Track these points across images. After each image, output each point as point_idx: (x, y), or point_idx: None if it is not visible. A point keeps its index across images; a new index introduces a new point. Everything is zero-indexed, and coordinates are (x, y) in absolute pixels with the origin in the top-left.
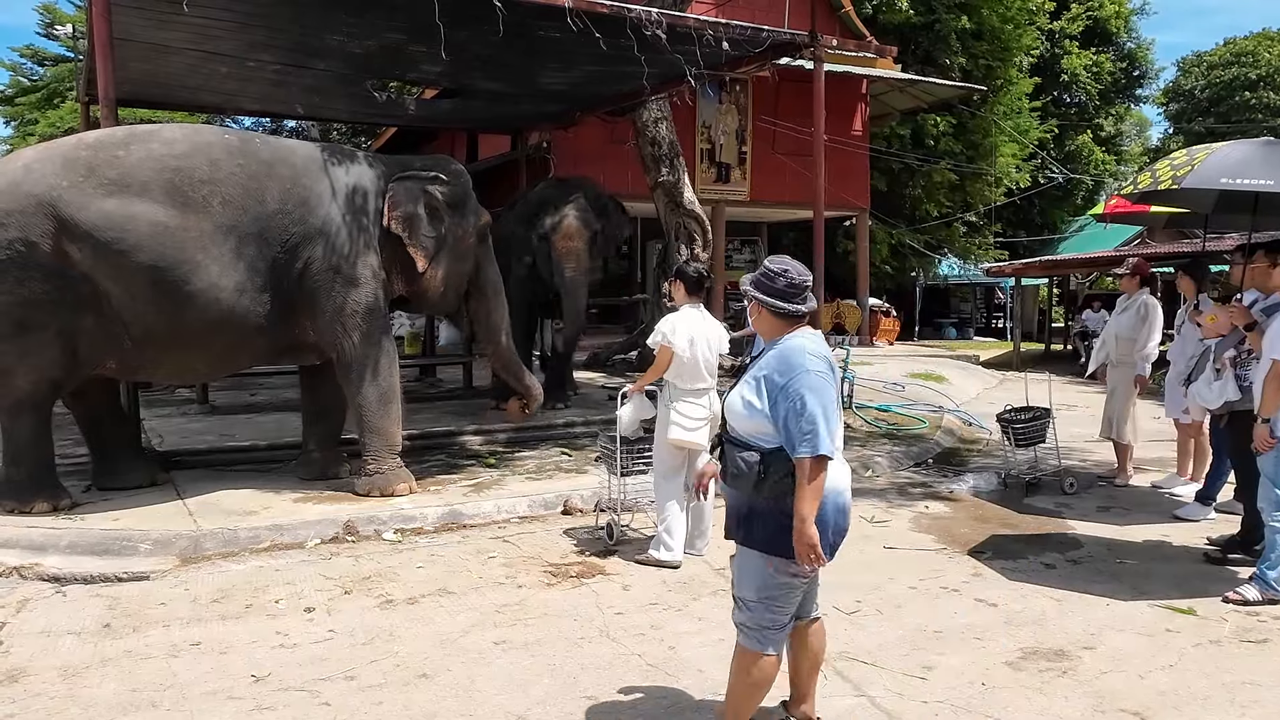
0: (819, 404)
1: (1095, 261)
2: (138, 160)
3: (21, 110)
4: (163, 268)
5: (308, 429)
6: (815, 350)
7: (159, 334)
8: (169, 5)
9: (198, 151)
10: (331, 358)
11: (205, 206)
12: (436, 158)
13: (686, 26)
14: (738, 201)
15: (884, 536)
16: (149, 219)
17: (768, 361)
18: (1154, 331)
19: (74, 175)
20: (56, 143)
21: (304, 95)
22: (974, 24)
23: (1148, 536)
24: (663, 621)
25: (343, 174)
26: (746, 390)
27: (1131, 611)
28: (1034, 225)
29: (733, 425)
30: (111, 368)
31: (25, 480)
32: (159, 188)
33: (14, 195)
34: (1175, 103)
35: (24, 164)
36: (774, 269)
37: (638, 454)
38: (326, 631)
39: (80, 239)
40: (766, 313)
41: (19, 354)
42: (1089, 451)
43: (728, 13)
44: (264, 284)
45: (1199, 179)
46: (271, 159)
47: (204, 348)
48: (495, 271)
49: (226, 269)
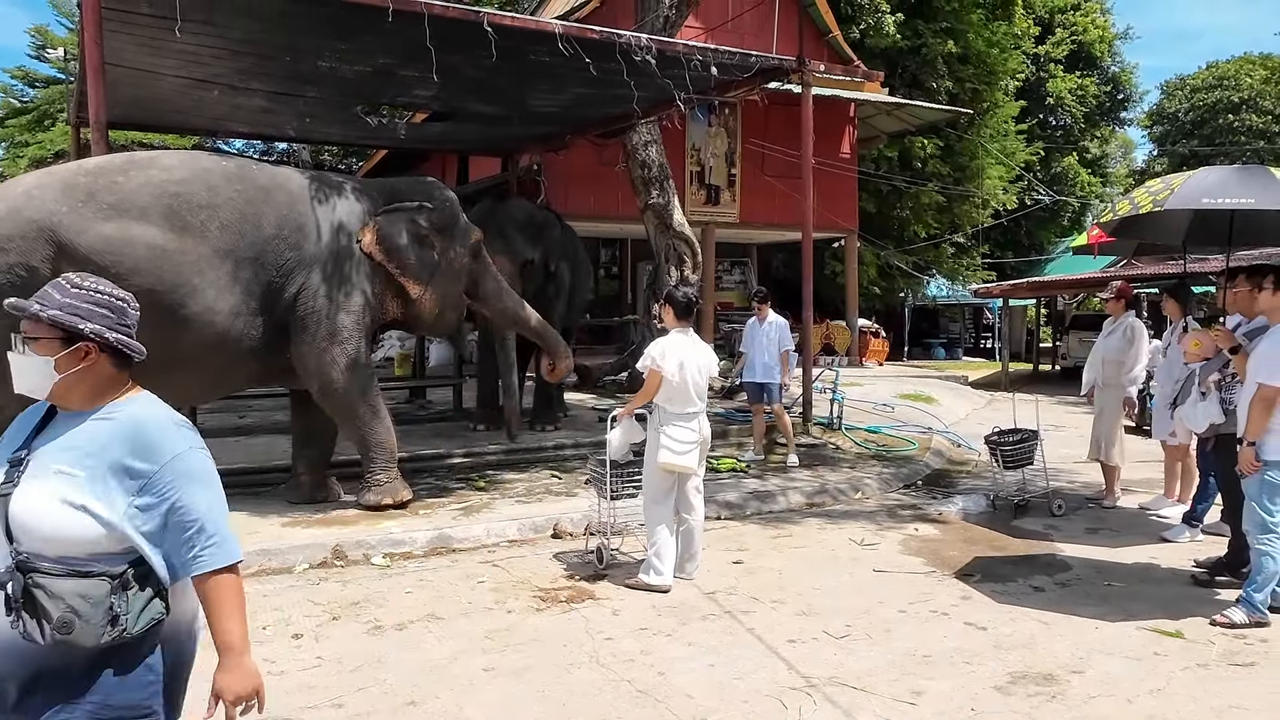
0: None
1: (1082, 283)
2: (137, 186)
3: (12, 132)
4: (160, 291)
5: (298, 451)
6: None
7: (155, 357)
8: (161, 31)
9: (196, 177)
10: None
11: (203, 231)
12: (422, 181)
13: (676, 52)
14: (727, 223)
15: (873, 559)
16: (147, 243)
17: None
18: (1141, 353)
19: (73, 201)
20: (57, 169)
21: (295, 118)
22: (960, 48)
23: (1135, 558)
24: (652, 647)
25: (337, 202)
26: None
27: (1120, 634)
28: (1021, 246)
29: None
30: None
31: None
32: (157, 212)
33: (15, 221)
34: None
35: (25, 190)
36: None
37: (628, 477)
38: (314, 658)
39: (78, 263)
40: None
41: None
42: (1077, 472)
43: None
44: (259, 307)
45: (1180, 201)
46: (268, 185)
47: (199, 370)
48: (493, 280)
49: (222, 292)
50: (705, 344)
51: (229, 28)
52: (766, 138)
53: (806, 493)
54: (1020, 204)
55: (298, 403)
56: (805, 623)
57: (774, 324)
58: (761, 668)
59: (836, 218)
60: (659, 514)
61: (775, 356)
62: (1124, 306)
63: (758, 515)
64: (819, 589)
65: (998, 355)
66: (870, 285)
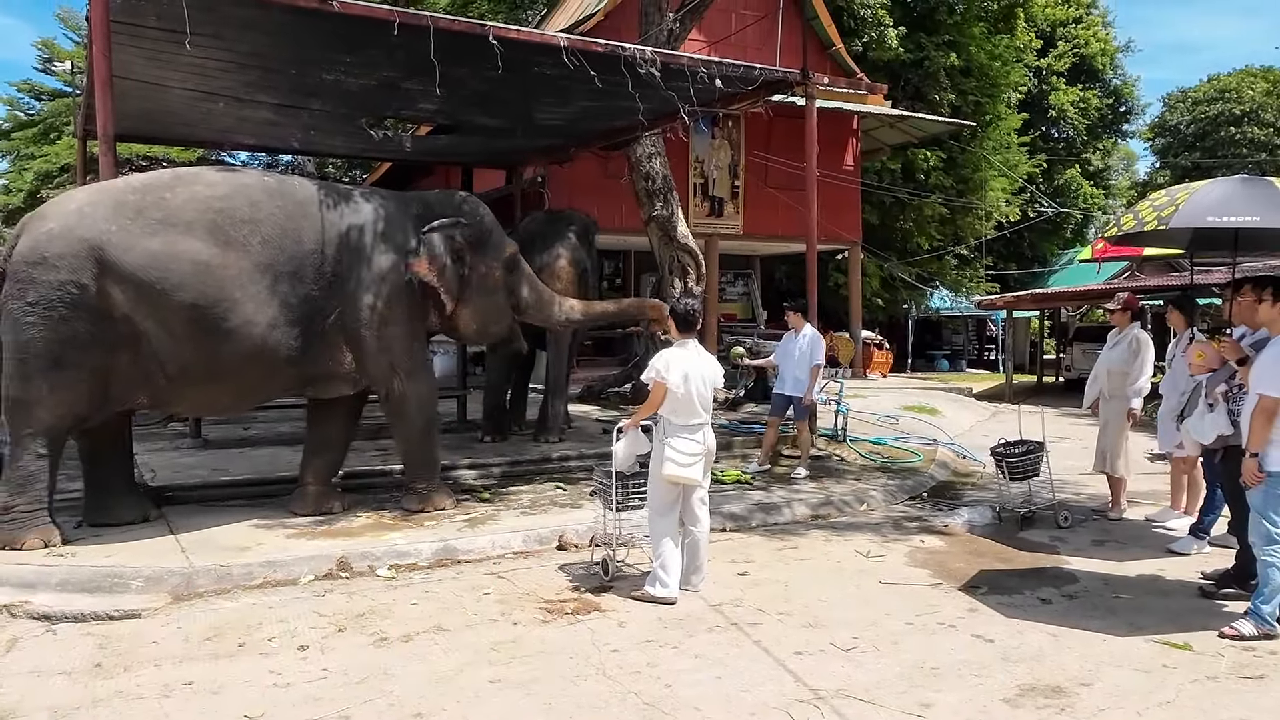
0: None
1: (1086, 295)
2: (182, 201)
3: (18, 144)
4: (203, 305)
5: (307, 461)
6: None
7: (195, 370)
8: (168, 44)
9: (238, 193)
10: (380, 393)
11: (245, 245)
12: (453, 194)
13: (680, 65)
14: (731, 235)
15: (879, 571)
16: (191, 258)
17: None
18: (1145, 365)
19: (122, 219)
20: (107, 185)
21: (301, 131)
22: (963, 61)
23: (1142, 571)
24: (659, 659)
25: (376, 215)
26: None
27: (1128, 647)
28: (1024, 258)
29: None
30: (142, 403)
31: (23, 515)
32: (202, 227)
33: (67, 239)
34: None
35: (77, 207)
36: None
37: (633, 489)
38: (320, 670)
39: (123, 280)
40: None
41: (50, 388)
42: (1083, 484)
43: (720, 51)
44: (296, 318)
45: (1185, 219)
46: (307, 200)
47: (238, 380)
48: (532, 289)
49: (262, 305)
50: (710, 355)
51: (235, 41)
52: (770, 150)
53: (812, 505)
54: (1023, 216)
55: (316, 412)
56: (812, 635)
57: (806, 336)
58: (769, 680)
59: (840, 230)
60: (664, 526)
61: (806, 370)
62: (1129, 318)
63: (763, 527)
64: (825, 601)
65: (1001, 367)
66: (873, 297)
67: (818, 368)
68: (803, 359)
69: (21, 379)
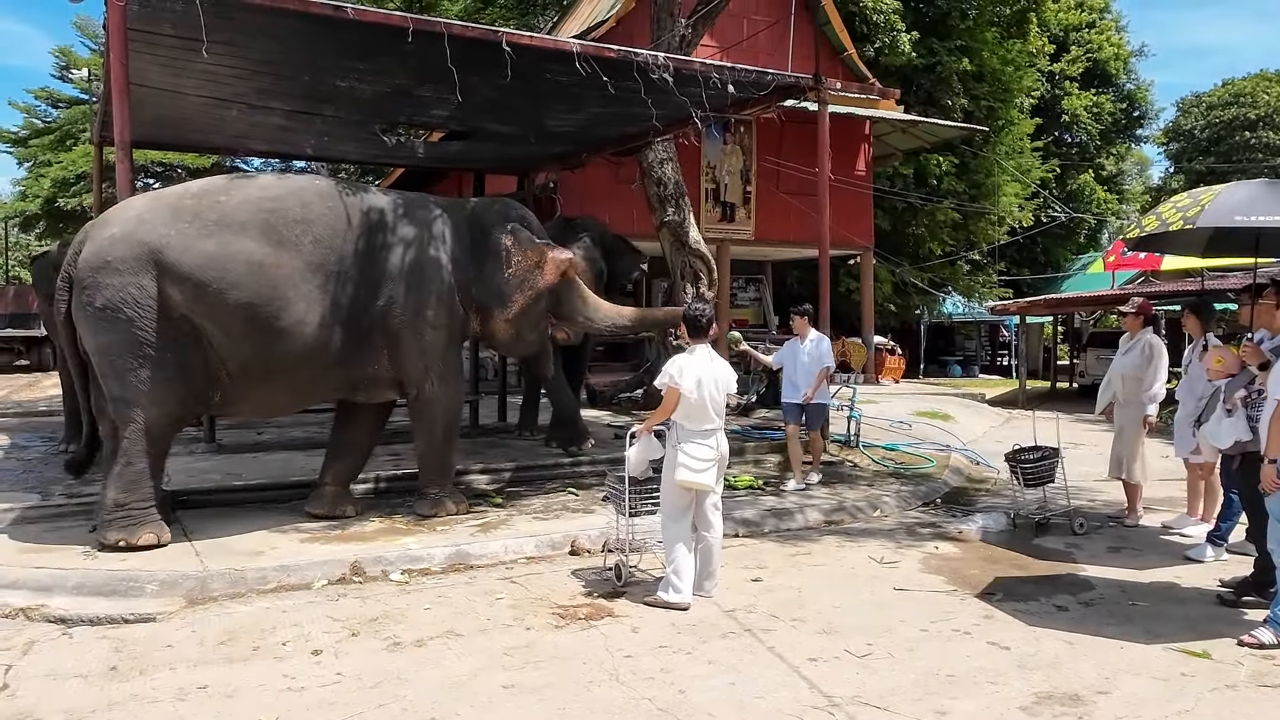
0: None
1: (1099, 300)
2: (237, 203)
3: (35, 151)
4: (257, 304)
5: (329, 462)
6: None
7: (253, 368)
8: (183, 51)
9: (291, 194)
10: (411, 394)
11: (297, 245)
12: (497, 201)
13: (693, 70)
14: (743, 240)
15: (893, 578)
16: (246, 258)
17: None
18: (1160, 371)
19: (180, 223)
20: (165, 192)
21: (314, 137)
22: (975, 66)
23: (1160, 578)
24: (672, 665)
25: (423, 219)
26: None
27: (1146, 655)
28: (1037, 264)
29: None
30: (215, 402)
31: (136, 512)
32: (255, 227)
33: (128, 243)
34: (1175, 142)
35: (136, 214)
36: None
37: (646, 494)
38: (334, 674)
39: (181, 281)
40: None
41: (144, 385)
42: (1098, 491)
43: (732, 56)
44: (346, 319)
45: (1212, 218)
46: (358, 203)
47: (291, 380)
48: (578, 299)
49: (314, 305)
50: (723, 360)
51: (249, 48)
52: (781, 155)
53: (824, 510)
54: (1036, 221)
55: (343, 414)
56: (826, 641)
57: (813, 341)
58: (783, 686)
59: (852, 235)
60: (677, 531)
61: (815, 376)
62: (1142, 323)
63: (775, 533)
64: (839, 607)
65: (1014, 373)
66: (885, 302)
67: (826, 370)
68: (812, 364)
69: (116, 377)
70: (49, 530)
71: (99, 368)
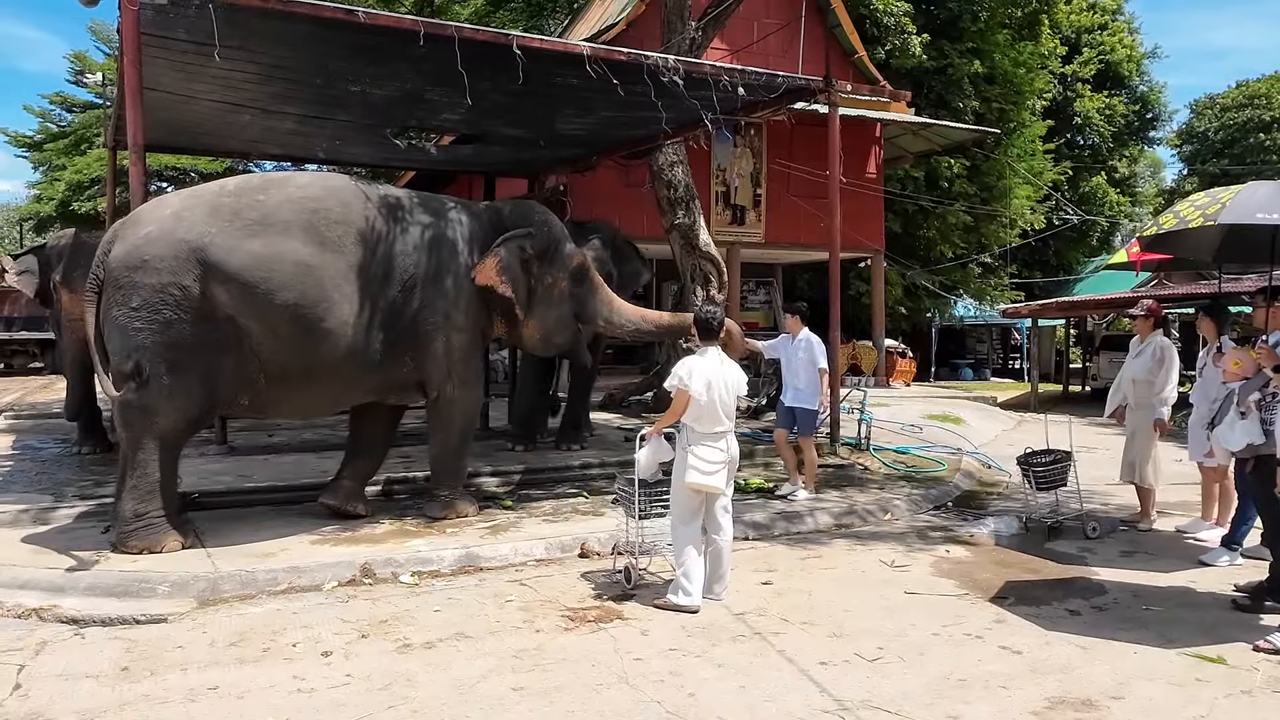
0: None
1: (1112, 303)
2: (278, 203)
3: (49, 155)
4: (304, 305)
5: (348, 460)
6: None
7: (294, 371)
8: (197, 56)
9: (331, 194)
10: (431, 395)
11: (339, 246)
12: (524, 204)
13: (703, 73)
14: (753, 243)
15: (904, 581)
16: (292, 259)
17: None
18: (1171, 374)
19: (221, 221)
20: (200, 189)
21: (325, 141)
22: (986, 68)
23: (1173, 582)
24: (682, 668)
25: (454, 223)
26: None
27: (1160, 660)
28: (1049, 266)
29: None
30: (244, 405)
31: (156, 519)
32: (299, 228)
33: (168, 242)
34: (1189, 144)
35: (173, 212)
36: None
37: (656, 497)
38: (344, 676)
39: (227, 281)
40: None
41: (166, 394)
42: (1110, 495)
43: (742, 59)
44: (382, 322)
45: (1234, 215)
46: (394, 204)
47: (333, 381)
48: (601, 303)
49: (355, 307)
50: (733, 363)
51: (262, 53)
52: (792, 158)
53: (835, 513)
54: (1048, 224)
55: (359, 415)
56: (837, 644)
57: (804, 340)
58: (793, 690)
59: (862, 238)
60: (687, 534)
61: (808, 379)
62: (1153, 326)
63: (785, 536)
64: (850, 611)
65: (1026, 376)
66: (896, 305)
67: (824, 372)
68: (804, 367)
69: (138, 386)
70: (62, 531)
71: (119, 372)
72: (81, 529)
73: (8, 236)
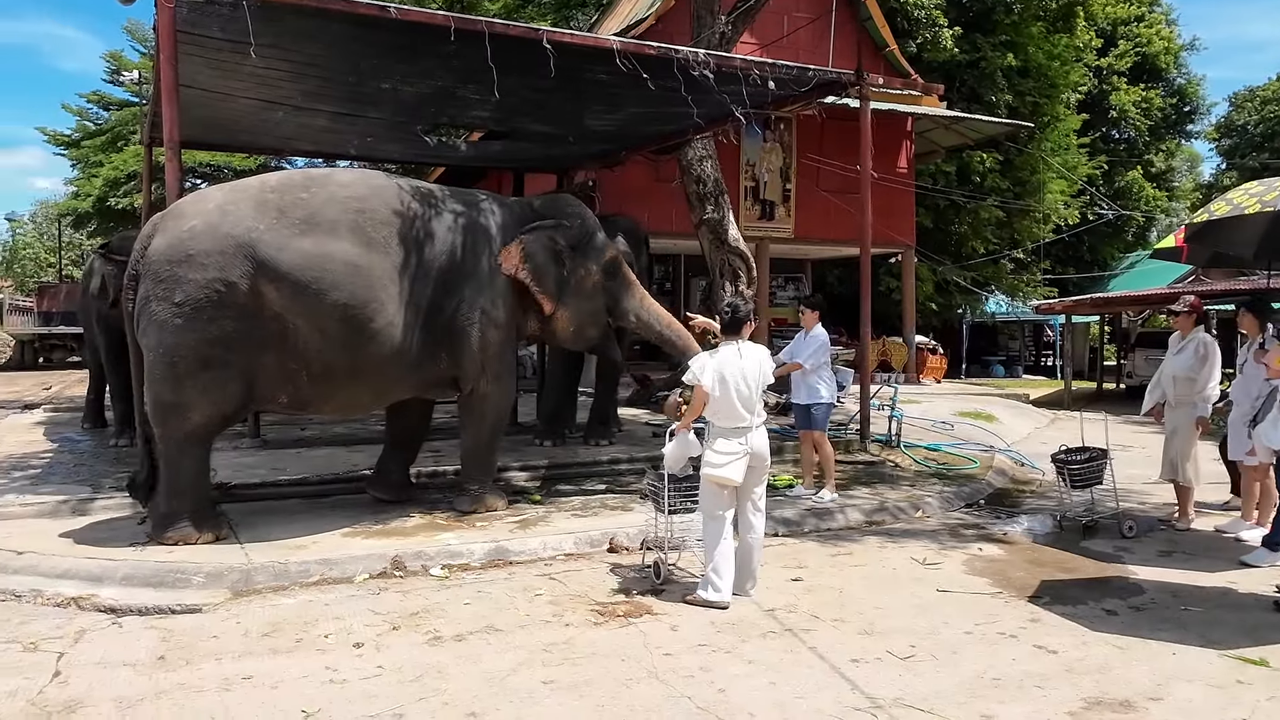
0: None
1: (1148, 299)
2: (322, 202)
3: (86, 153)
4: (354, 305)
5: (390, 453)
6: None
7: (339, 369)
8: (231, 54)
9: (375, 194)
10: (465, 390)
11: (385, 246)
12: (557, 198)
13: (733, 67)
14: (782, 239)
15: (936, 579)
16: (343, 259)
17: None
18: (1214, 371)
19: (268, 218)
20: (241, 184)
21: (357, 138)
22: (1020, 61)
23: (1213, 583)
24: (712, 664)
25: (491, 217)
26: None
27: (1199, 662)
28: (1083, 262)
29: None
30: (282, 402)
31: (190, 512)
32: (346, 228)
33: (214, 236)
34: (1228, 138)
35: (217, 206)
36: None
37: (685, 492)
38: (375, 668)
39: (278, 279)
40: None
41: (200, 390)
42: (1147, 493)
43: (772, 53)
44: (423, 320)
45: None
46: (434, 202)
47: (378, 378)
48: (633, 298)
49: (400, 307)
50: (759, 355)
51: (295, 51)
52: (822, 153)
53: (865, 510)
54: (1082, 219)
55: (396, 410)
56: (868, 642)
57: (815, 335)
58: (824, 687)
59: (893, 233)
60: (716, 529)
61: (818, 374)
62: (1194, 322)
63: (816, 533)
64: (881, 608)
65: (1059, 373)
66: (927, 301)
67: (796, 365)
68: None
69: (173, 382)
70: (100, 522)
71: (154, 369)
72: (119, 520)
73: (47, 233)
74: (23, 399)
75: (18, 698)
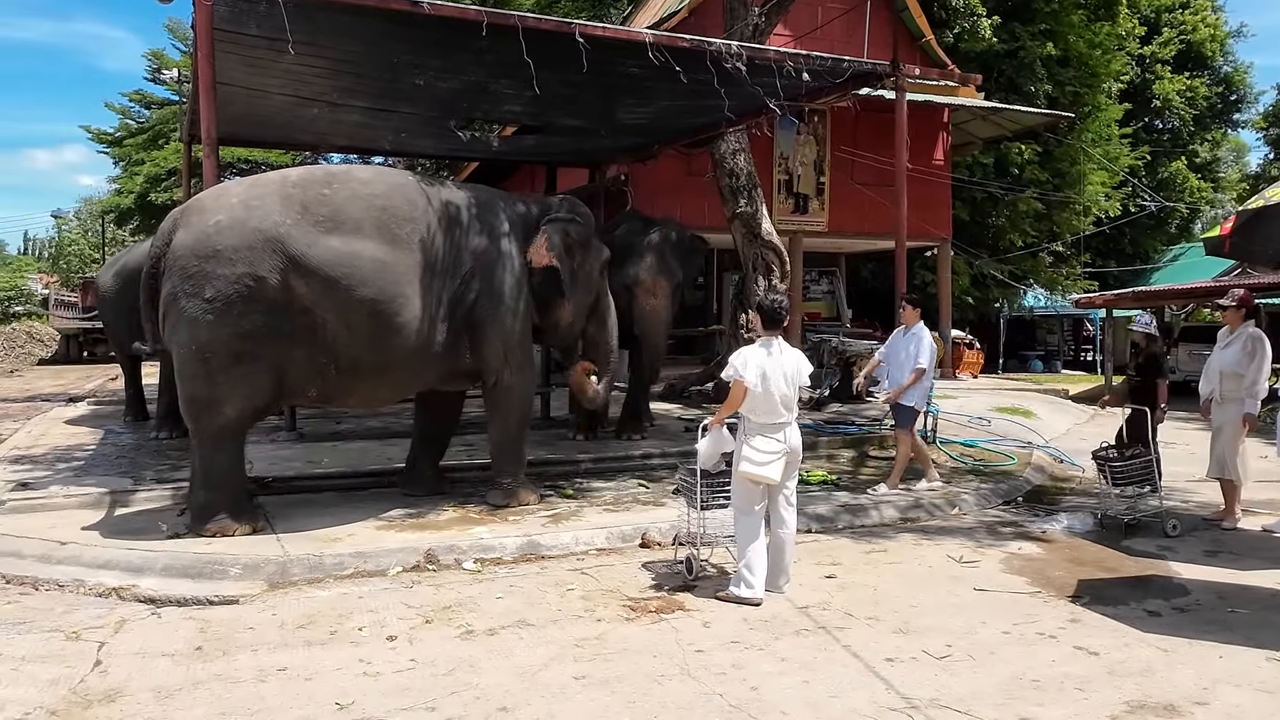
0: None
1: (1193, 292)
2: (345, 199)
3: (129, 151)
4: (381, 301)
5: (421, 449)
6: None
7: (366, 364)
8: (268, 51)
9: (395, 191)
10: (489, 382)
11: (409, 243)
12: (566, 198)
13: (767, 59)
14: (815, 232)
15: (974, 578)
16: (370, 256)
17: None
18: (1264, 366)
19: (293, 213)
20: (261, 179)
21: (391, 133)
22: (1060, 50)
23: (1261, 583)
24: (744, 661)
25: (509, 213)
26: None
27: (1247, 664)
28: (1125, 255)
29: None
30: (311, 395)
31: (226, 504)
32: (370, 225)
33: (241, 231)
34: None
35: (241, 200)
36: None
37: (718, 488)
38: (408, 660)
39: (308, 274)
40: None
41: (232, 384)
42: (1191, 491)
43: (806, 45)
44: (445, 315)
45: None
46: (452, 199)
47: (402, 372)
48: (610, 302)
49: (424, 301)
50: (796, 353)
51: (330, 48)
52: (856, 145)
53: (900, 507)
54: (1124, 211)
55: (424, 405)
56: (903, 641)
57: (915, 334)
58: (859, 686)
59: (929, 226)
60: (749, 526)
61: (908, 374)
62: (1243, 316)
63: (849, 529)
64: (916, 607)
65: (1099, 368)
66: (963, 295)
67: (920, 372)
68: (908, 361)
69: (205, 378)
70: (141, 513)
71: (186, 365)
72: (159, 512)
73: (91, 229)
74: (68, 392)
75: (60, 686)
